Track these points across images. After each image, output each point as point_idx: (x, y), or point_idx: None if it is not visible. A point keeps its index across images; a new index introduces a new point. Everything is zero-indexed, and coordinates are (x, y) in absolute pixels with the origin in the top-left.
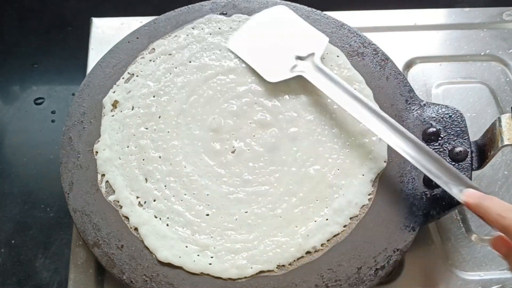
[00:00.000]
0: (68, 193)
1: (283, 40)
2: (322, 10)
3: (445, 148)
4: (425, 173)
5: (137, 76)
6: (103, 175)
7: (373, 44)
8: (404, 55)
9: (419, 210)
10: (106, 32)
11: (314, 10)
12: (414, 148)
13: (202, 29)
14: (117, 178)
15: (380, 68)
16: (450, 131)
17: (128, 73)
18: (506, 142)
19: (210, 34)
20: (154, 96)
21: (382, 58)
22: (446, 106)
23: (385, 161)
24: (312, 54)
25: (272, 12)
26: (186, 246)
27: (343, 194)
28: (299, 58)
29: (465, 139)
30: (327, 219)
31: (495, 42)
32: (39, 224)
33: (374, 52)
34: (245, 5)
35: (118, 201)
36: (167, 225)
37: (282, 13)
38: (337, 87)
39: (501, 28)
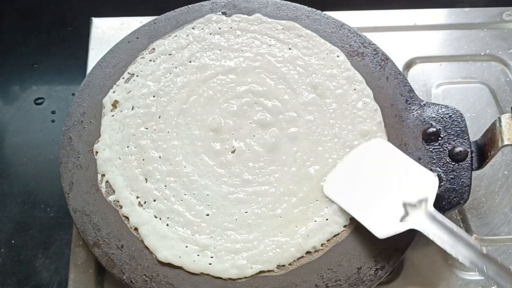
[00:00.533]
0: (68, 193)
1: (386, 182)
2: (322, 10)
3: (445, 148)
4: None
5: (137, 76)
6: (103, 175)
7: (373, 44)
8: (404, 55)
9: None
10: (106, 32)
11: (314, 10)
12: None
13: (202, 29)
14: (117, 178)
15: (380, 68)
16: (450, 131)
17: (128, 73)
18: (506, 142)
19: (210, 34)
20: (154, 96)
21: (382, 58)
22: (446, 106)
23: None
24: (424, 200)
25: (370, 147)
26: (186, 246)
27: None
28: (409, 205)
29: (465, 139)
30: (327, 219)
31: (495, 42)
32: (39, 224)
33: (374, 52)
34: (245, 5)
35: (118, 201)
36: (167, 225)
37: (381, 147)
38: (457, 241)
39: (501, 28)
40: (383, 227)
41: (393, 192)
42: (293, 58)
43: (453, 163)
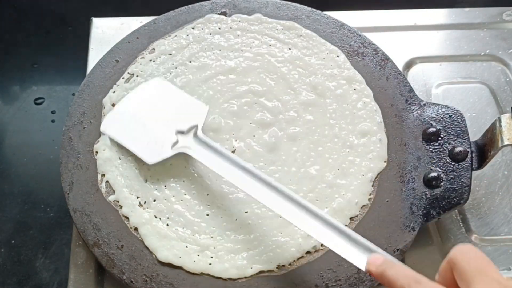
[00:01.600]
0: (68, 193)
1: (160, 115)
2: (322, 10)
3: (445, 148)
4: (323, 242)
5: (137, 76)
6: (103, 175)
7: (373, 44)
8: (404, 55)
9: (419, 210)
10: (106, 32)
11: (314, 10)
12: (299, 210)
13: (202, 29)
14: (117, 178)
15: (380, 68)
16: (450, 131)
17: (128, 73)
18: (506, 142)
19: (210, 34)
20: None
21: (382, 58)
22: (446, 106)
23: (385, 161)
24: (195, 126)
25: (148, 87)
26: (186, 246)
27: (343, 194)
28: (180, 132)
29: (465, 139)
30: None
31: (495, 42)
32: (39, 224)
33: (374, 52)
34: (245, 5)
35: (118, 201)
36: (167, 225)
37: (158, 86)
38: (223, 160)
39: (501, 28)
40: (154, 154)
41: (167, 123)
42: (293, 58)
43: (453, 163)
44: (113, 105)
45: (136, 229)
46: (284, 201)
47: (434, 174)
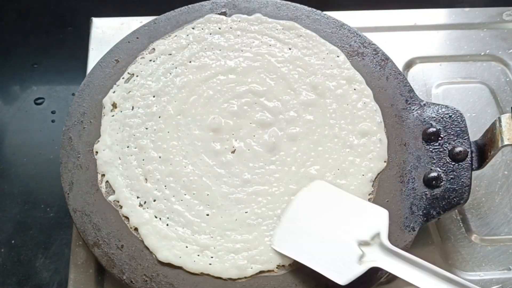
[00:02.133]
0: (68, 193)
1: (336, 224)
2: (322, 10)
3: (445, 148)
4: None
5: (137, 76)
6: (103, 175)
7: (373, 44)
8: (404, 55)
9: (419, 210)
10: (106, 32)
11: (314, 10)
12: None
13: (202, 29)
14: (117, 178)
15: (380, 68)
16: (450, 131)
17: (128, 73)
18: (506, 142)
19: (210, 34)
20: (154, 96)
21: (382, 58)
22: (446, 106)
23: (385, 161)
24: (377, 234)
25: (311, 191)
26: (186, 246)
27: None
28: (363, 243)
29: (465, 139)
30: None
31: (495, 42)
32: (39, 224)
33: (374, 52)
34: (245, 5)
35: (118, 201)
36: (167, 225)
37: (322, 189)
38: (418, 269)
39: (501, 28)
40: (343, 272)
41: (345, 233)
42: (293, 58)
43: (453, 163)
44: (113, 105)
45: (136, 229)
46: None
47: (434, 174)
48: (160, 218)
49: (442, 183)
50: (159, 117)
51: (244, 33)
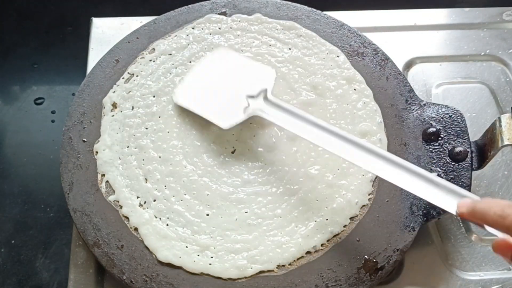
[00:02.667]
0: (68, 193)
1: (230, 82)
2: (322, 10)
3: (445, 148)
4: (415, 193)
5: (137, 76)
6: (103, 175)
7: (373, 44)
8: (404, 55)
9: (419, 210)
10: (106, 32)
11: (314, 10)
12: (395, 168)
13: (202, 29)
14: (117, 178)
15: (380, 68)
16: (450, 131)
17: (128, 73)
18: (506, 142)
19: (210, 34)
20: (154, 96)
21: (382, 58)
22: (446, 106)
23: None
24: (264, 90)
25: (214, 55)
26: (186, 246)
27: (343, 194)
28: (251, 97)
29: (465, 139)
30: (327, 219)
31: (495, 42)
32: (39, 224)
33: (374, 52)
34: (245, 5)
35: (118, 201)
36: (167, 225)
37: (223, 54)
38: (296, 119)
39: (501, 28)
40: (227, 118)
41: (237, 89)
42: (293, 58)
43: (453, 163)
44: (113, 105)
45: (136, 229)
46: (363, 152)
47: (434, 174)
48: (160, 218)
49: None
50: (159, 117)
51: (244, 33)
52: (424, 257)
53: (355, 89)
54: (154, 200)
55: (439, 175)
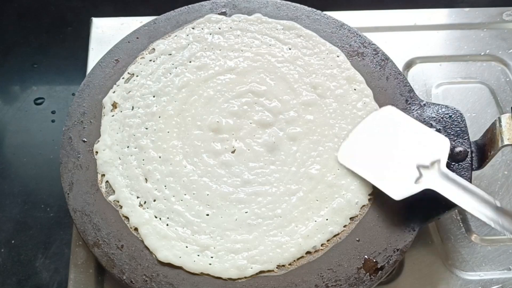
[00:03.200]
0: (68, 193)
1: (399, 147)
2: (322, 10)
3: None
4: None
5: (137, 76)
6: (103, 175)
7: (373, 44)
8: (404, 55)
9: (419, 210)
10: (106, 32)
11: (314, 10)
12: None
13: (202, 29)
14: (117, 178)
15: (380, 68)
16: (450, 131)
17: (128, 73)
18: (506, 142)
19: (210, 34)
20: (154, 96)
21: (382, 58)
22: (446, 106)
23: None
24: (437, 161)
25: (381, 115)
26: (186, 246)
27: (343, 194)
28: (422, 167)
29: (465, 139)
30: (327, 219)
31: (495, 42)
32: (39, 224)
33: (374, 52)
34: (245, 5)
35: (118, 201)
36: (167, 225)
37: (391, 114)
38: (471, 196)
39: (501, 28)
40: (399, 189)
41: (406, 156)
42: (293, 58)
43: (453, 163)
44: (113, 105)
45: (136, 229)
46: None
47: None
48: (160, 218)
49: None
50: (159, 117)
51: (244, 33)
52: (424, 257)
53: (355, 89)
54: (154, 200)
55: None
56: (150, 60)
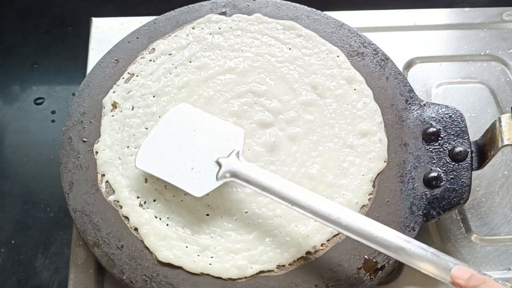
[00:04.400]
0: (68, 193)
1: (198, 143)
2: (322, 10)
3: (445, 148)
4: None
5: (137, 76)
6: (103, 175)
7: (373, 44)
8: (404, 55)
9: (419, 210)
10: (106, 32)
11: (314, 10)
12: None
13: (202, 29)
14: (117, 178)
15: (380, 68)
16: (450, 131)
17: (128, 73)
18: (506, 142)
19: (210, 34)
20: (154, 96)
21: (382, 58)
22: (446, 106)
23: (385, 161)
24: (234, 151)
25: (176, 114)
26: (186, 246)
27: (343, 194)
28: (222, 159)
29: (465, 139)
30: None
31: (495, 42)
32: (39, 224)
33: (374, 52)
34: (245, 5)
35: (118, 201)
36: (167, 225)
37: (185, 111)
38: (272, 183)
39: (501, 28)
40: (200, 186)
41: (206, 151)
42: (293, 58)
43: (453, 163)
44: (113, 105)
45: (136, 229)
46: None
47: (434, 174)
48: (160, 218)
49: (442, 183)
50: (159, 117)
51: (244, 33)
52: None
53: (355, 89)
54: (154, 200)
55: (439, 175)
56: (150, 60)
